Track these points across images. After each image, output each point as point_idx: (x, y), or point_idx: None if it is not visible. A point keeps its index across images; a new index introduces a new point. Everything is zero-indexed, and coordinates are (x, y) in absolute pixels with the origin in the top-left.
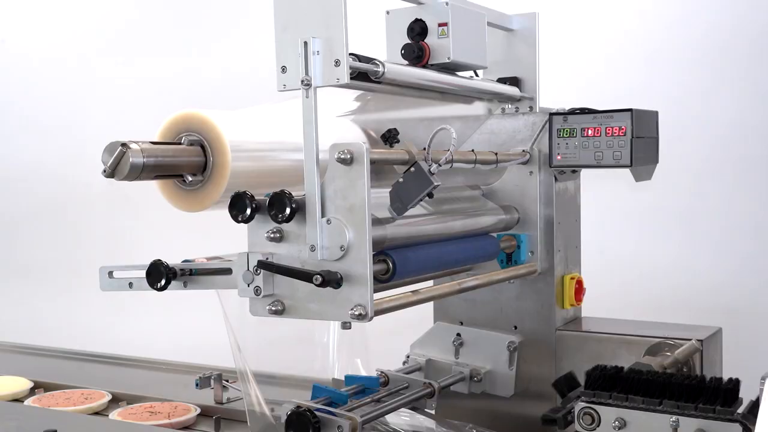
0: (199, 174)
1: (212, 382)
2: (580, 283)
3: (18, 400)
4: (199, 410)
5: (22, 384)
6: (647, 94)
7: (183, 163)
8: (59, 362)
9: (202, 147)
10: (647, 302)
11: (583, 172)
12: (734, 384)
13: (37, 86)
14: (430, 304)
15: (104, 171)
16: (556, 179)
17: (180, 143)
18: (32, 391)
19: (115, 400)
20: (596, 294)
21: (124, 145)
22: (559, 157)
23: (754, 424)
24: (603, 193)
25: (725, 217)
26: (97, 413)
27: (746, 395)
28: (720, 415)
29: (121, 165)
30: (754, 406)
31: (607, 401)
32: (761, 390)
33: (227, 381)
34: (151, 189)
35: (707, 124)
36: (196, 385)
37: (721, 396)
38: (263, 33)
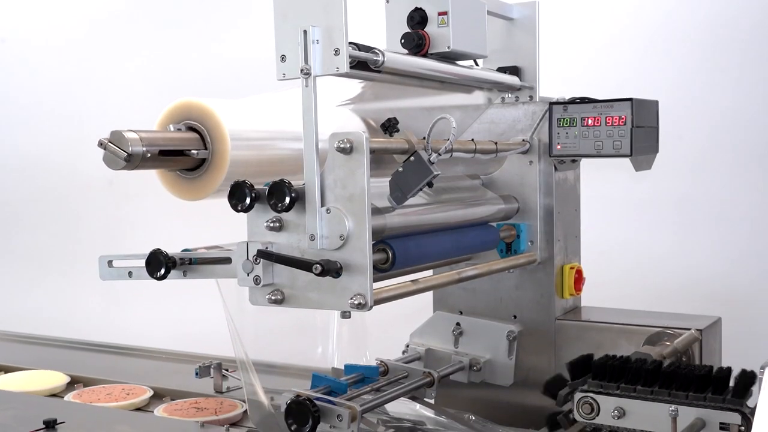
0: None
1: (212, 371)
2: (579, 272)
3: (56, 395)
4: (246, 407)
5: (60, 378)
6: (647, 84)
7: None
8: (87, 355)
9: (201, 136)
10: (647, 292)
11: (583, 161)
12: (749, 377)
13: (38, 77)
14: (430, 294)
15: (100, 143)
16: (555, 169)
17: (182, 131)
18: (69, 386)
19: (158, 396)
20: (596, 284)
21: (128, 156)
22: (558, 147)
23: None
24: (603, 183)
25: (724, 207)
26: (139, 409)
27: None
28: (719, 404)
29: (117, 156)
30: None
31: (606, 391)
32: (760, 379)
33: (227, 370)
34: (151, 178)
35: (707, 113)
36: (196, 374)
37: (731, 387)
38: (263, 23)
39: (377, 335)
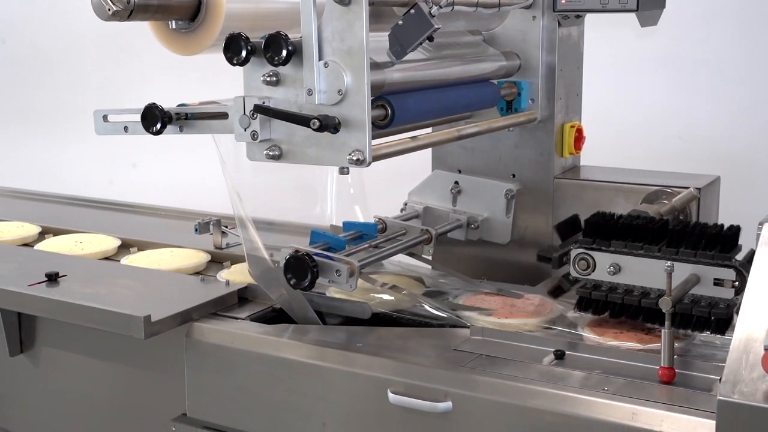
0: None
1: (211, 227)
2: (579, 131)
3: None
4: None
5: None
6: None
7: (175, 4)
8: (90, 212)
9: None
10: (647, 152)
11: (587, 16)
12: (734, 231)
13: None
14: (429, 152)
15: None
16: (559, 24)
17: None
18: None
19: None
20: (596, 143)
21: (117, 11)
22: (563, 1)
23: (748, 271)
24: (606, 40)
25: (724, 65)
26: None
27: (744, 242)
28: (714, 260)
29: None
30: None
31: (601, 247)
32: (758, 235)
33: (226, 227)
34: (146, 31)
35: None
36: (195, 230)
37: (720, 242)
38: None
39: (376, 193)
